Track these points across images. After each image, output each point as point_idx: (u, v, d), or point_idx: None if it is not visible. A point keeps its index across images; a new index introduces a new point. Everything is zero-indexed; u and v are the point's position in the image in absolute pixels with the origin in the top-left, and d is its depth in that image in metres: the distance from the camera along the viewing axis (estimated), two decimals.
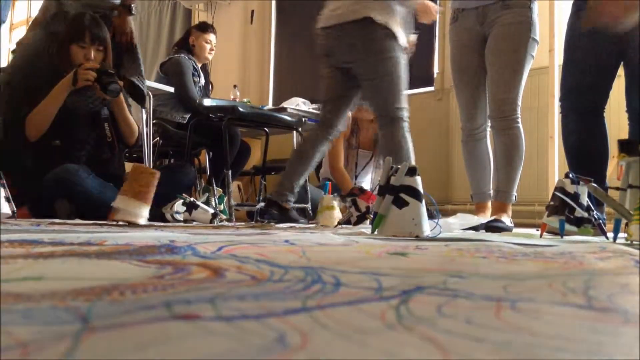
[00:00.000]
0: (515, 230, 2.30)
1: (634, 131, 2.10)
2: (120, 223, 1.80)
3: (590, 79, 2.12)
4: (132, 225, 1.76)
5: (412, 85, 4.94)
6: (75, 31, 2.38)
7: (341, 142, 3.18)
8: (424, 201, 1.47)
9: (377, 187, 1.55)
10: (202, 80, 3.55)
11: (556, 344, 0.28)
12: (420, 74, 4.56)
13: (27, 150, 2.37)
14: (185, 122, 3.37)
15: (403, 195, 1.44)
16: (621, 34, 2.05)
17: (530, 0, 2.31)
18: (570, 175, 1.56)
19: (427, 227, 1.47)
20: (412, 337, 0.29)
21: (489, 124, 2.42)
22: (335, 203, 2.34)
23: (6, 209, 1.82)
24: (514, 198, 2.36)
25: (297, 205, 2.91)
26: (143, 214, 1.81)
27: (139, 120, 2.82)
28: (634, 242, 1.25)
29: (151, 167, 2.86)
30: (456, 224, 1.70)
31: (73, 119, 2.37)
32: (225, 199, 2.51)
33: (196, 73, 3.48)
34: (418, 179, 1.48)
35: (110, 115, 2.46)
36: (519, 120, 2.32)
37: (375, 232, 1.47)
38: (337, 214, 2.31)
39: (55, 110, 2.29)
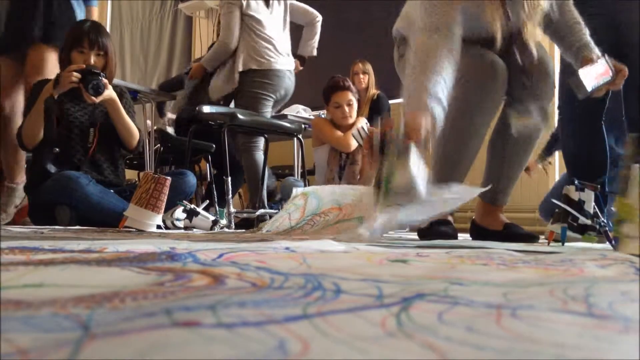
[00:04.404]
0: None
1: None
2: (123, 230, 1.81)
3: None
4: (138, 231, 1.77)
5: None
6: (74, 37, 2.38)
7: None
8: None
9: None
10: None
11: (556, 352, 0.28)
12: None
13: (36, 157, 2.40)
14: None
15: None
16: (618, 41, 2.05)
17: None
18: (575, 182, 1.56)
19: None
20: (412, 344, 0.29)
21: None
22: None
23: None
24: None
25: None
26: (154, 223, 1.83)
27: (142, 126, 2.82)
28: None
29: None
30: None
31: (68, 127, 2.38)
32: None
33: None
34: None
35: (107, 120, 2.43)
36: None
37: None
38: None
39: (42, 117, 2.28)
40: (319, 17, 3.53)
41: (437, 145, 1.89)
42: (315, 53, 3.59)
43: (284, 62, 3.29)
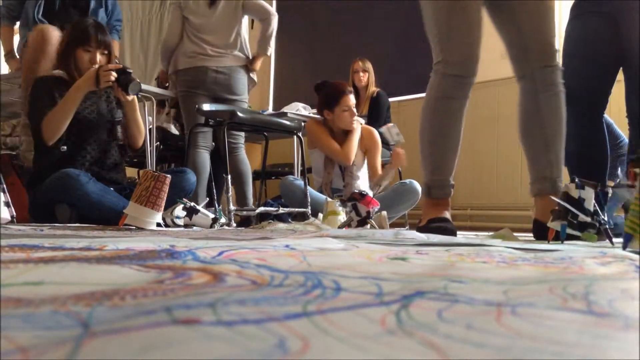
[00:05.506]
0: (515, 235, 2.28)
1: (634, 136, 2.11)
2: (123, 227, 1.81)
3: (589, 84, 2.12)
4: (138, 229, 1.77)
5: (413, 90, 4.94)
6: (80, 35, 2.40)
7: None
8: None
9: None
10: None
11: (556, 349, 0.28)
12: (422, 78, 4.56)
13: (39, 154, 2.40)
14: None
15: None
16: (620, 38, 2.05)
17: None
18: (576, 180, 1.55)
19: None
20: (412, 342, 0.29)
21: (521, 76, 1.85)
22: (341, 208, 2.33)
23: (6, 214, 1.83)
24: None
25: (296, 209, 2.91)
26: (153, 220, 1.83)
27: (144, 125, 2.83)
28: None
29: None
30: None
31: (80, 124, 2.38)
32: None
33: None
34: None
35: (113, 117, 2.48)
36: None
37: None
38: (342, 219, 2.29)
39: (72, 111, 2.31)
40: (274, 14, 3.42)
41: (421, 133, 1.94)
42: (269, 53, 3.51)
43: (215, 62, 3.30)
